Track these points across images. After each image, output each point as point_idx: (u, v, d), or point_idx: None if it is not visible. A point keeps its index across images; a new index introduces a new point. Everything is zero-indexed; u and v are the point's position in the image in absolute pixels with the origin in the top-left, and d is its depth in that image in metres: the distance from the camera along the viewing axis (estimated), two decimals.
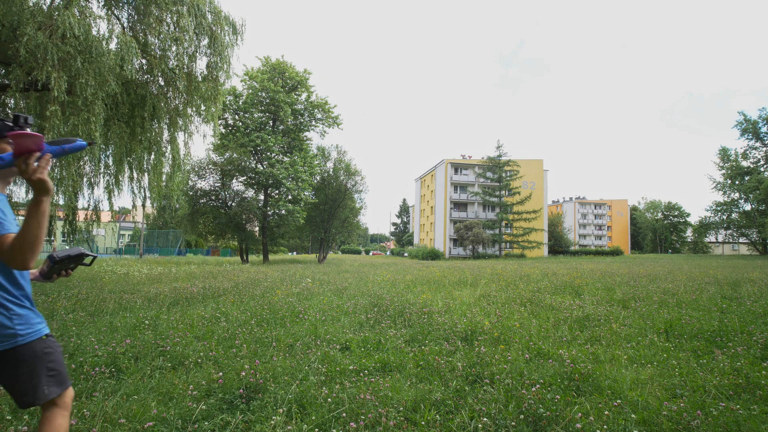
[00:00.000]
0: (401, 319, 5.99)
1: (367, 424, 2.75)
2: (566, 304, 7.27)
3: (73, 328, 5.05)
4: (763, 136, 50.01)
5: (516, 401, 3.08)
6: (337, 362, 3.97)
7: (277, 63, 29.84)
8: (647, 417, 2.87)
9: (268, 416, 2.86)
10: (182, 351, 4.21)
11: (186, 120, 12.38)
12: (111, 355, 3.98)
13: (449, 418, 2.90)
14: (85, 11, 9.57)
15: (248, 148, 27.79)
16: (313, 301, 7.77)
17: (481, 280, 12.21)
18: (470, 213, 57.59)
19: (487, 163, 52.03)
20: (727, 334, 5.01)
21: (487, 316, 6.24)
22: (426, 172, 69.13)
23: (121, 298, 7.69)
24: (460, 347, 4.56)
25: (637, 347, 4.65)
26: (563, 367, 3.80)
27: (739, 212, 54.73)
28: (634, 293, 8.59)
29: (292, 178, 28.29)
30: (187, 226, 29.33)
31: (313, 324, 5.54)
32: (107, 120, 10.73)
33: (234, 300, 7.65)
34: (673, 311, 6.58)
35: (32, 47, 8.48)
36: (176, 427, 2.73)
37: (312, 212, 33.43)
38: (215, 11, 11.57)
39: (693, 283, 10.58)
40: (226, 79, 12.63)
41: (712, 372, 3.73)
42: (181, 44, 10.78)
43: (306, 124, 31.73)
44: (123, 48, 9.61)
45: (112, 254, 43.28)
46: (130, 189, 13.00)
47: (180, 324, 5.45)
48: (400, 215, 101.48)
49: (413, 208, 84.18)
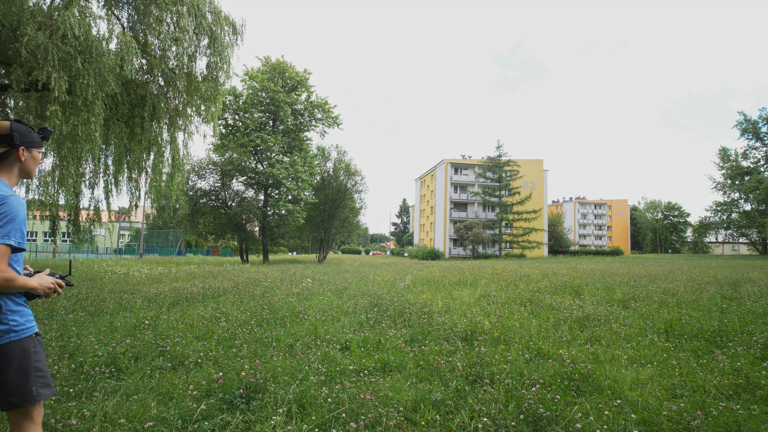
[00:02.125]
0: (401, 319, 5.99)
1: (367, 424, 2.75)
2: (566, 304, 7.27)
3: (73, 328, 5.05)
4: (763, 136, 50.01)
5: (516, 401, 3.08)
6: (337, 362, 3.97)
7: (277, 63, 29.86)
8: (647, 417, 2.87)
9: (268, 416, 2.86)
10: (182, 351, 4.22)
11: (186, 120, 12.38)
12: (111, 355, 3.98)
13: (449, 418, 2.90)
14: (85, 11, 9.57)
15: (248, 148, 27.80)
16: (313, 301, 7.77)
17: (481, 280, 12.20)
18: (470, 213, 57.60)
19: (487, 163, 52.05)
20: (727, 334, 5.01)
21: (487, 316, 6.24)
22: (426, 172, 69.13)
23: (121, 298, 7.69)
24: (460, 347, 4.56)
25: (637, 347, 4.65)
26: (563, 367, 3.80)
27: (739, 212, 54.72)
28: (634, 293, 8.59)
29: (292, 178, 28.30)
30: (187, 226, 29.34)
31: (313, 324, 5.54)
32: (107, 120, 10.73)
33: (234, 300, 7.65)
34: (673, 311, 6.58)
35: (33, 47, 8.49)
36: (176, 427, 2.73)
37: (312, 212, 33.44)
38: (215, 11, 11.58)
39: (693, 283, 10.57)
40: (226, 79, 12.64)
41: (712, 372, 3.73)
42: (181, 44, 10.78)
43: (306, 124, 31.75)
44: (123, 48, 9.61)
45: (112, 254, 43.28)
46: (129, 189, 13.02)
47: (180, 324, 5.45)
48: (400, 215, 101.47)
49: (413, 208, 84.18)
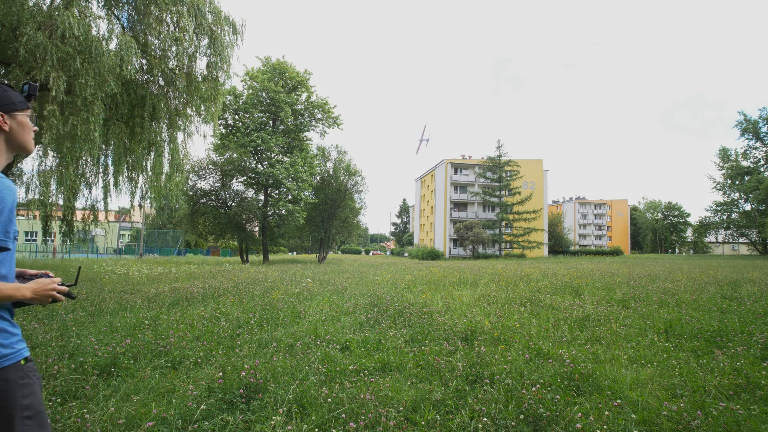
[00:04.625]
0: (401, 319, 5.98)
1: (367, 424, 2.74)
2: (566, 304, 7.26)
3: (73, 328, 5.05)
4: (763, 136, 50.03)
5: (516, 401, 3.08)
6: (337, 362, 3.97)
7: (278, 63, 29.85)
8: (647, 417, 2.87)
9: (268, 416, 2.85)
10: (182, 351, 4.21)
11: (186, 120, 12.39)
12: (111, 355, 3.98)
13: (449, 418, 2.90)
14: (84, 11, 9.58)
15: (248, 148, 27.80)
16: (313, 301, 7.77)
17: (481, 280, 12.20)
18: (470, 213, 57.61)
19: (487, 163, 52.06)
20: (727, 334, 5.01)
21: (487, 316, 6.24)
22: (426, 172, 69.13)
23: (121, 298, 7.68)
24: (460, 347, 4.56)
25: (637, 347, 4.64)
26: (563, 367, 3.80)
27: (739, 212, 54.74)
28: (634, 293, 8.59)
29: (292, 178, 28.29)
30: (187, 226, 29.35)
31: (313, 324, 5.54)
32: (106, 120, 10.73)
33: (234, 300, 7.65)
34: (673, 311, 6.58)
35: (32, 47, 8.48)
36: (176, 427, 2.73)
37: (312, 212, 33.44)
38: (215, 11, 11.58)
39: (693, 283, 10.57)
40: (226, 79, 12.66)
41: (712, 372, 3.73)
42: (181, 44, 10.78)
43: (306, 125, 31.75)
44: (123, 48, 9.61)
45: (111, 254, 43.28)
46: (129, 189, 13.02)
47: (180, 324, 5.44)
48: (400, 215, 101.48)
49: (413, 208, 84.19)
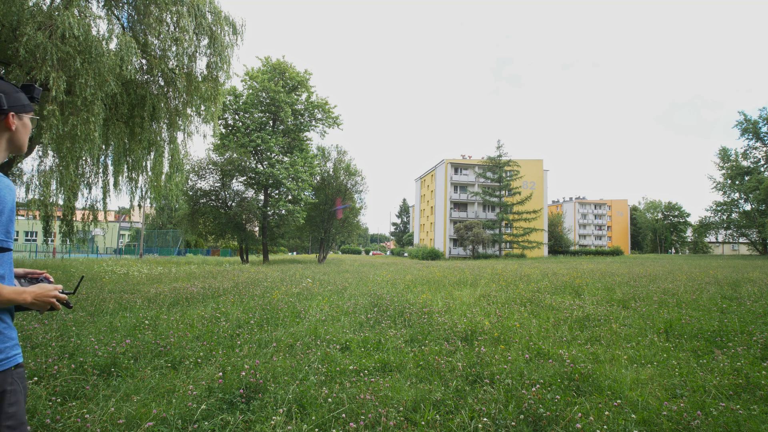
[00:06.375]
0: (401, 319, 5.98)
1: (367, 424, 2.74)
2: (566, 304, 7.26)
3: (73, 328, 5.05)
4: (763, 136, 49.99)
5: (516, 401, 3.08)
6: (337, 362, 3.97)
7: (278, 63, 29.86)
8: (647, 417, 2.87)
9: (268, 416, 2.85)
10: (182, 351, 4.21)
11: (186, 120, 12.39)
12: (111, 355, 3.98)
13: (449, 418, 2.90)
14: (84, 11, 9.58)
15: (248, 148, 27.80)
16: (313, 301, 7.77)
17: (481, 280, 12.20)
18: (470, 213, 57.60)
19: (487, 163, 52.05)
20: (727, 334, 5.01)
21: (487, 316, 6.24)
22: (426, 172, 69.13)
23: (121, 298, 7.69)
24: (460, 347, 4.55)
25: (637, 347, 4.64)
26: (563, 367, 3.80)
27: (739, 212, 54.68)
28: (634, 293, 8.59)
29: (292, 178, 28.29)
30: (187, 226, 29.34)
31: (313, 324, 5.54)
32: (106, 120, 10.74)
33: (234, 300, 7.65)
34: (673, 311, 6.58)
35: (32, 47, 8.48)
36: (176, 427, 2.73)
37: (312, 212, 33.43)
38: (215, 11, 11.58)
39: (693, 283, 10.56)
40: (226, 79, 12.66)
41: (712, 372, 3.73)
42: (181, 44, 10.78)
43: (306, 124, 31.75)
44: (123, 48, 9.61)
45: (111, 254, 43.28)
46: (129, 189, 13.02)
47: (180, 324, 5.45)
48: (400, 215, 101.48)
49: (413, 208, 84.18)
